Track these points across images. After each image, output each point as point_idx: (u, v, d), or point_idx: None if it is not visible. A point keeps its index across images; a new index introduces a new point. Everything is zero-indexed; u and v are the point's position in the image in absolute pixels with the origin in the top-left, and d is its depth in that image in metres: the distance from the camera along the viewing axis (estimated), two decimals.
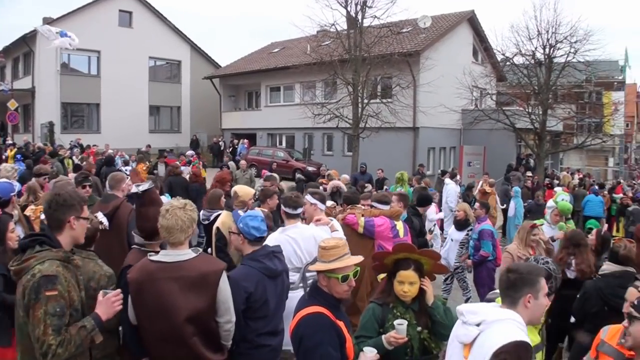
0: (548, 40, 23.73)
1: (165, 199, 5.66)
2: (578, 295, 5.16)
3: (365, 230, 6.29)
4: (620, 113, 35.96)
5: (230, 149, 27.88)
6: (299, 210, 5.39)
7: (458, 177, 18.60)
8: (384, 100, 22.71)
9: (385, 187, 16.15)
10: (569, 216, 8.78)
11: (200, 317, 3.38)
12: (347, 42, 21.56)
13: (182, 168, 14.39)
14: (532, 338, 3.12)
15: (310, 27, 23.86)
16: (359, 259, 3.39)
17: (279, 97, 31.54)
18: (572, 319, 5.30)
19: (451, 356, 2.84)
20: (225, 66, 36.30)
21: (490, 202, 13.43)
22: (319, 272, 3.27)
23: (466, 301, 9.00)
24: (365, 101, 21.55)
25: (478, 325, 2.65)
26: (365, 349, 3.23)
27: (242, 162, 18.38)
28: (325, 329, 3.12)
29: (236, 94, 35.23)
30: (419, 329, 3.49)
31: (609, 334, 3.46)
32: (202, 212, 6.87)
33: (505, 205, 15.66)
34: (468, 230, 8.88)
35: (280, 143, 31.20)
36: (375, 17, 21.34)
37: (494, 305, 2.84)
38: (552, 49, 23.84)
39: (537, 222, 7.23)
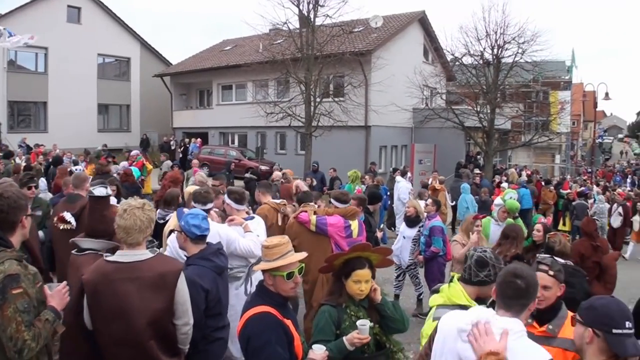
0: (496, 41, 24.25)
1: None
2: None
3: (317, 229, 6.31)
4: (567, 112, 37.02)
5: (182, 149, 27.47)
6: (209, 206, 5.47)
7: (409, 174, 18.86)
8: (336, 99, 22.79)
9: (341, 186, 16.19)
10: (517, 215, 8.99)
11: (159, 319, 3.33)
12: (299, 40, 21.52)
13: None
14: None
15: (262, 25, 23.78)
16: (303, 255, 3.38)
17: (231, 96, 31.25)
18: None
19: None
20: (176, 64, 35.70)
21: (440, 198, 13.69)
22: (264, 271, 3.26)
23: (418, 297, 9.13)
24: (318, 100, 21.55)
25: None
26: (314, 346, 3.23)
27: (194, 161, 18.19)
28: (273, 328, 3.11)
29: (187, 92, 34.74)
30: (370, 324, 3.46)
31: None
32: (158, 211, 6.80)
33: (454, 202, 15.97)
34: (419, 227, 9.00)
35: (233, 142, 30.97)
36: (328, 16, 21.35)
37: (485, 314, 2.59)
38: (500, 49, 24.36)
39: (485, 220, 7.44)
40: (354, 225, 6.57)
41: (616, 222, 14.71)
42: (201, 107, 34.35)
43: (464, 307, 3.01)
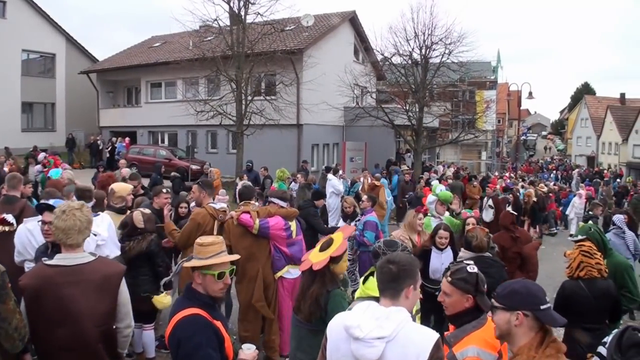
0: (424, 41, 24.77)
1: None
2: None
3: (260, 232, 6.34)
4: (492, 110, 38.38)
5: (109, 148, 26.72)
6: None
7: (341, 172, 19.05)
8: (268, 98, 22.71)
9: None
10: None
11: (105, 322, 3.30)
12: (230, 38, 21.32)
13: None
14: None
15: (192, 22, 23.32)
16: (235, 257, 3.40)
17: (160, 94, 30.61)
18: None
19: None
20: (102, 60, 34.61)
21: (381, 195, 14.07)
22: (194, 269, 3.23)
23: (352, 292, 9.25)
24: (249, 98, 21.47)
25: (381, 338, 2.52)
26: (244, 346, 3.24)
27: (122, 161, 17.75)
28: (203, 330, 3.08)
29: (115, 90, 33.69)
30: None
31: None
32: None
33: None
34: (355, 222, 9.15)
35: (162, 141, 30.33)
36: (259, 14, 21.29)
37: (370, 310, 2.66)
38: (428, 50, 24.90)
39: (425, 220, 7.63)
40: (293, 226, 6.70)
41: (488, 215, 15.07)
42: (129, 106, 33.41)
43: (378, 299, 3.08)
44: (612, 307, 4.73)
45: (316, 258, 3.97)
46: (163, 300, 5.98)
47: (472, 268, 3.42)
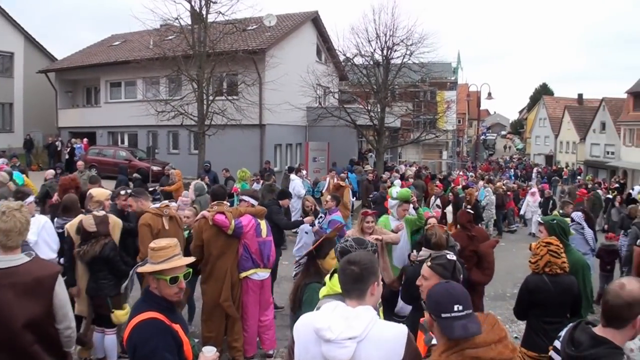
0: (386, 42, 25.09)
1: None
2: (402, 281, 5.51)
3: (235, 232, 6.37)
4: (453, 110, 39.06)
5: (68, 149, 26.10)
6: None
7: (304, 172, 19.11)
8: (230, 98, 22.56)
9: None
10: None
11: (39, 324, 3.24)
12: (191, 37, 21.14)
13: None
14: None
15: (152, 21, 23.05)
16: (190, 260, 3.37)
17: (120, 93, 29.97)
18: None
19: None
20: (62, 59, 33.78)
21: (345, 195, 14.23)
22: (148, 274, 3.20)
23: None
24: (211, 98, 21.32)
25: (351, 338, 2.51)
26: (204, 349, 3.21)
27: (79, 162, 17.47)
28: (160, 334, 3.05)
29: (74, 89, 32.89)
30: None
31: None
32: (56, 220, 6.65)
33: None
34: (319, 220, 9.21)
35: (122, 142, 29.73)
36: (220, 13, 21.12)
37: (338, 310, 2.64)
38: (389, 50, 25.23)
39: (382, 218, 7.68)
40: (263, 225, 6.76)
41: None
42: (88, 106, 32.62)
43: None
44: (573, 302, 4.87)
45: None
46: (121, 318, 5.87)
47: (452, 256, 3.61)
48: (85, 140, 27.38)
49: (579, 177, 36.52)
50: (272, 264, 7.05)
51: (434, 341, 2.80)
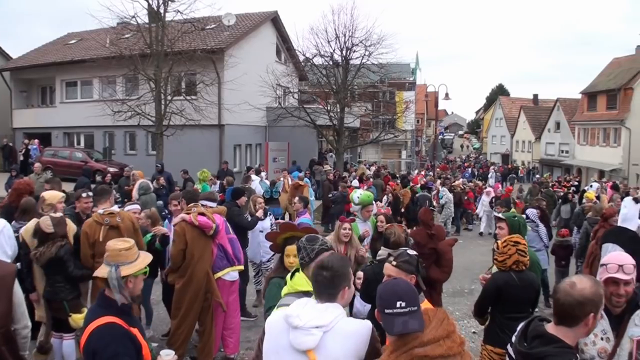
0: (345, 43, 25.26)
1: None
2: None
3: (214, 232, 6.39)
4: (411, 111, 39.51)
5: (23, 151, 25.37)
6: None
7: (264, 173, 19.08)
8: (188, 97, 22.36)
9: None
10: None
11: (3, 324, 3.23)
12: (148, 36, 20.82)
13: None
14: None
15: (109, 19, 22.60)
16: (149, 256, 3.45)
17: (76, 93, 29.26)
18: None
19: None
20: (16, 58, 32.76)
21: (305, 194, 14.26)
22: (127, 276, 3.23)
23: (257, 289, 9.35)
24: (169, 98, 21.08)
25: (318, 327, 2.61)
26: (162, 352, 3.22)
27: (36, 164, 17.03)
28: (120, 338, 3.05)
29: (28, 89, 31.98)
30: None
31: None
32: (13, 223, 6.48)
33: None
34: (269, 217, 9.25)
35: (79, 143, 29.06)
36: (178, 11, 20.92)
37: (310, 304, 2.76)
38: (348, 51, 25.41)
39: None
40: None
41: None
42: (43, 106, 31.78)
43: (308, 293, 3.16)
44: (535, 297, 5.04)
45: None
46: (79, 322, 5.73)
47: (411, 251, 3.83)
48: (36, 140, 26.61)
49: (537, 176, 37.31)
50: (243, 261, 7.15)
51: None
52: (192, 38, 22.45)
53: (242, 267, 6.98)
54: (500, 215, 6.05)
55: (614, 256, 3.47)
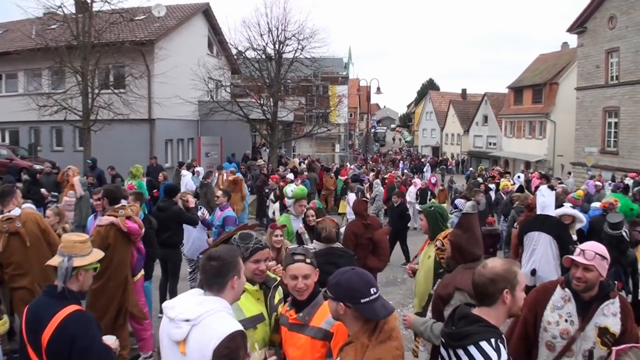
0: (278, 36, 25.31)
1: None
2: None
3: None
4: (344, 104, 39.94)
5: None
6: None
7: (199, 169, 18.77)
8: (116, 91, 21.73)
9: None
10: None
11: None
12: (75, 27, 20.05)
13: None
14: (250, 307, 3.38)
15: (35, 9, 21.72)
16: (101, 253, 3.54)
17: (0, 87, 28.11)
18: None
19: (167, 355, 2.81)
20: None
21: (242, 188, 14.85)
22: (79, 267, 3.30)
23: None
24: (96, 91, 20.39)
25: (187, 320, 2.67)
26: (105, 337, 3.32)
27: None
28: (93, 323, 3.18)
29: None
30: None
31: None
32: None
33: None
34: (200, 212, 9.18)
35: (3, 139, 27.66)
36: (106, 2, 20.21)
37: (193, 296, 2.83)
38: (281, 45, 25.47)
39: (282, 217, 7.73)
40: None
41: None
42: None
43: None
44: None
45: None
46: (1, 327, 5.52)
47: (307, 246, 4.01)
48: None
49: (471, 168, 38.34)
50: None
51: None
52: (121, 29, 21.86)
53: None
54: (418, 207, 6.27)
55: (587, 243, 3.59)
